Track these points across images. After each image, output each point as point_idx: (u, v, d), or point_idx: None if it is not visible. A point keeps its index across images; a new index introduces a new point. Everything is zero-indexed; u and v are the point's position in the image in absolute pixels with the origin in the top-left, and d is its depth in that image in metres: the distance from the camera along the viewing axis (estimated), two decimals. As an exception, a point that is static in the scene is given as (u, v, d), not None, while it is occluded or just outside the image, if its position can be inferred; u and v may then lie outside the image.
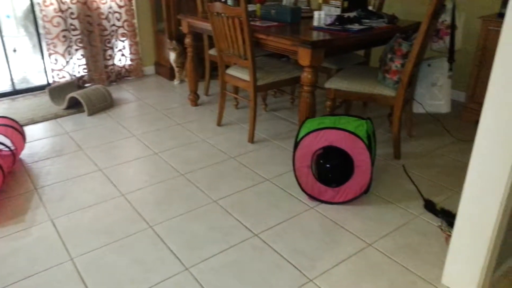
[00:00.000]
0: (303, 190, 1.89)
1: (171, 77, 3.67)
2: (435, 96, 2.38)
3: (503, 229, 1.29)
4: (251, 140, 2.51)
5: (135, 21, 3.52)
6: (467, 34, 2.89)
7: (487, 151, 1.23)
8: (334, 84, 2.28)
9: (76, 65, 3.31)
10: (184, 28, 2.87)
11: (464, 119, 2.75)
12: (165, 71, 3.72)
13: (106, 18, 3.36)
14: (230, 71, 2.56)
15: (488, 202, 1.26)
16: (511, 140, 1.17)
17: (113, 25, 3.42)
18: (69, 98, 2.93)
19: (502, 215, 1.25)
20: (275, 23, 2.41)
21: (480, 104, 2.61)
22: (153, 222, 1.77)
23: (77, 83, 3.32)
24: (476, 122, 2.65)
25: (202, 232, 1.71)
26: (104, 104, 2.98)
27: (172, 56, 3.47)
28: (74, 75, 3.32)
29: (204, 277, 1.46)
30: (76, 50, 3.28)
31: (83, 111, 2.93)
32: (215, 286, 1.42)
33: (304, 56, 2.02)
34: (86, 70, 3.37)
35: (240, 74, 2.48)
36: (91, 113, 2.90)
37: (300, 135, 1.86)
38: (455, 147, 2.43)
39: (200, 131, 2.67)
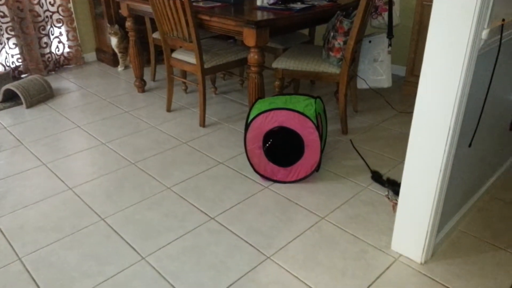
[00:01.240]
0: (256, 171, 1.89)
1: (115, 63, 3.53)
2: (377, 71, 2.45)
3: (443, 195, 1.37)
4: (203, 124, 2.49)
5: (70, 5, 3.31)
6: (404, 9, 2.98)
7: (425, 121, 1.28)
8: (281, 63, 2.28)
9: (9, 55, 3.08)
10: (123, 11, 2.74)
11: (404, 92, 2.86)
12: (108, 58, 3.56)
13: (38, 3, 3.13)
14: (176, 55, 2.49)
15: (429, 169, 1.32)
16: (447, 109, 1.22)
17: (47, 10, 3.20)
18: (4, 91, 2.74)
19: (441, 181, 1.32)
20: (218, 4, 2.35)
21: (418, 77, 2.73)
22: (104, 214, 1.70)
23: (12, 74, 3.11)
24: (415, 95, 2.77)
25: (157, 220, 1.67)
26: (43, 95, 2.81)
27: (113, 41, 3.31)
28: (8, 66, 3.08)
29: (162, 264, 1.43)
30: (8, 39, 3.05)
31: (21, 103, 2.76)
32: (173, 273, 1.40)
33: (249, 37, 2.00)
34: (20, 60, 3.15)
35: (186, 57, 2.41)
36: (30, 105, 2.73)
37: (251, 117, 1.85)
38: (397, 119, 2.53)
39: (149, 118, 2.61)
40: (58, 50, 3.37)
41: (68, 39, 3.38)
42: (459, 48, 1.15)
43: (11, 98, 2.80)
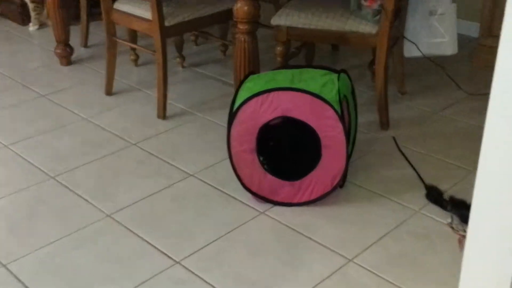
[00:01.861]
0: (246, 187, 1.90)
1: (25, 20, 3.54)
2: (435, 30, 2.47)
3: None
4: (163, 114, 2.48)
5: None
6: None
7: (508, 108, 1.27)
8: (286, 19, 2.28)
9: None
10: None
11: (477, 63, 2.87)
12: (14, 12, 3.57)
13: None
14: (120, 6, 2.49)
15: (513, 183, 1.32)
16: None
17: None
18: None
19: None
20: None
21: (499, 38, 2.73)
22: (6, 258, 1.70)
23: None
24: (494, 67, 2.79)
25: (90, 267, 1.67)
26: None
27: (22, -15, 3.34)
28: None
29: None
30: None
31: None
32: None
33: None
34: None
35: (136, 9, 2.42)
36: None
37: (238, 102, 1.85)
38: (466, 105, 2.53)
39: (78, 105, 2.61)
40: None
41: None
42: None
43: None
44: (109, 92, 2.71)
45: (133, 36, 2.90)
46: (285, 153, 1.92)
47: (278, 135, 1.89)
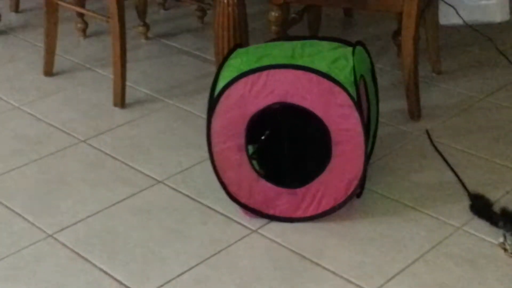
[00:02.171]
0: (232, 197, 1.89)
1: None
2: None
3: None
4: (121, 101, 2.49)
5: None
6: None
7: None
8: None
9: None
10: None
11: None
12: None
13: None
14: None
15: None
16: None
17: None
18: None
19: None
20: None
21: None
22: None
23: None
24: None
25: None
26: None
27: None
28: None
29: None
30: None
31: None
32: None
33: None
34: None
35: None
36: None
37: (221, 85, 1.84)
38: (520, 88, 2.56)
39: (8, 89, 2.61)
40: None
41: None
42: None
43: None
44: (48, 72, 2.70)
45: (80, -3, 2.88)
46: (284, 152, 1.92)
47: (274, 128, 1.89)
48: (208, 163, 1.91)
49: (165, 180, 2.09)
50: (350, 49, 1.92)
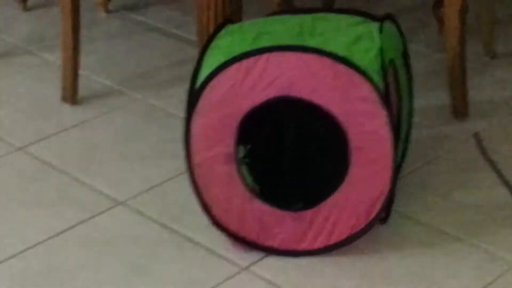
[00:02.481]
0: (217, 222, 1.88)
1: None
2: None
3: None
4: (71, 95, 2.50)
5: None
6: None
7: None
8: None
9: None
10: None
11: None
12: None
13: None
14: None
15: None
16: None
17: None
18: None
19: None
20: None
21: None
22: None
23: None
24: None
25: None
26: None
27: None
28: None
29: None
30: None
31: None
32: None
33: None
34: None
35: None
36: None
37: (205, 72, 1.83)
38: None
39: None
40: None
41: None
42: None
43: None
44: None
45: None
46: (286, 162, 1.93)
47: (274, 130, 1.90)
48: (185, 178, 1.90)
49: (128, 201, 2.08)
50: (376, 25, 1.92)
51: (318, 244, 1.86)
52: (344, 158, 1.80)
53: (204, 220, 1.89)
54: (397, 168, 1.86)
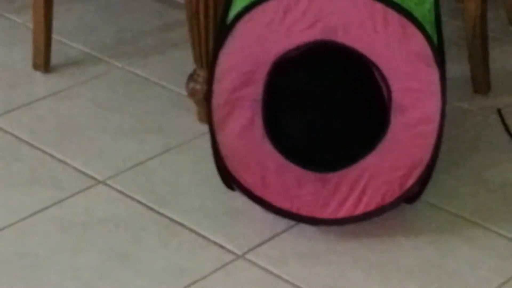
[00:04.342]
0: (228, 172, 1.87)
1: None
2: None
3: None
4: (44, 62, 2.50)
5: None
6: None
7: None
8: None
9: None
10: None
11: None
12: None
13: None
14: None
15: None
16: None
17: None
18: None
19: None
20: None
21: None
22: None
23: None
24: None
25: None
26: None
27: None
28: None
29: None
30: None
31: None
32: None
33: None
34: None
35: None
36: None
37: (239, 5, 1.82)
38: None
39: None
40: None
41: None
42: None
43: None
44: None
45: None
46: (316, 115, 1.95)
47: (307, 78, 1.91)
48: (172, 155, 1.92)
49: (108, 180, 2.08)
50: None
51: (343, 213, 1.85)
52: (383, 117, 1.81)
53: (193, 202, 1.92)
54: (440, 136, 1.84)
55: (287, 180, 1.86)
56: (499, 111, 2.28)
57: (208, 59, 2.11)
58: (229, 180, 1.88)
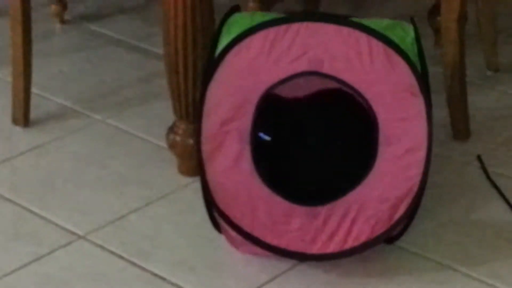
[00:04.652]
0: (217, 207, 1.85)
1: None
2: None
3: None
4: (23, 116, 2.49)
5: None
6: None
7: None
8: None
9: None
10: None
11: None
12: None
13: None
14: None
15: None
16: None
17: None
18: None
19: None
20: None
21: None
22: None
23: None
24: None
25: None
26: None
27: None
28: None
29: None
30: None
31: None
32: None
33: None
34: None
35: None
36: None
37: (226, 39, 1.85)
38: None
39: None
40: None
41: None
42: None
43: None
44: None
45: None
46: (304, 149, 1.96)
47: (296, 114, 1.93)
48: (152, 208, 1.91)
49: (89, 235, 2.06)
50: (405, 22, 1.95)
51: (332, 248, 1.83)
52: (370, 149, 1.81)
53: (175, 255, 1.91)
54: (428, 165, 1.83)
55: (276, 215, 1.84)
56: (479, 157, 2.28)
57: (188, 111, 2.12)
58: (218, 215, 1.86)
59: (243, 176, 1.84)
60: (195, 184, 1.89)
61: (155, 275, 1.93)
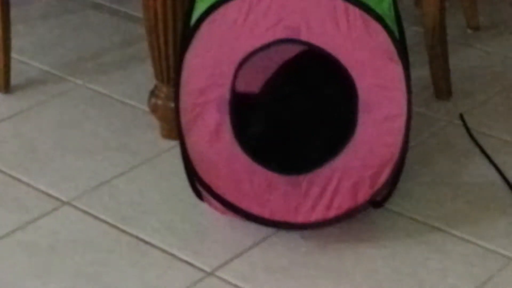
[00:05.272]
0: (199, 179, 1.85)
1: None
2: None
3: None
4: (3, 82, 2.48)
5: None
6: None
7: None
8: None
9: None
10: None
11: None
12: None
13: None
14: None
15: None
16: None
17: None
18: None
19: None
20: None
21: None
22: None
23: None
24: None
25: None
26: None
27: None
28: None
29: None
30: None
31: None
32: None
33: None
34: None
35: None
36: None
37: (201, 8, 1.81)
38: None
39: None
40: None
41: None
42: None
43: None
44: None
45: None
46: (283, 118, 1.95)
47: (273, 82, 1.91)
48: (137, 172, 1.91)
49: (74, 201, 2.06)
50: None
51: (315, 216, 1.84)
52: (350, 117, 1.80)
53: (159, 220, 1.91)
54: (408, 131, 1.83)
55: (258, 185, 1.84)
56: (461, 116, 2.29)
57: (169, 74, 2.11)
58: (201, 186, 1.86)
59: (224, 146, 1.84)
60: (178, 148, 1.87)
61: (140, 239, 1.94)
